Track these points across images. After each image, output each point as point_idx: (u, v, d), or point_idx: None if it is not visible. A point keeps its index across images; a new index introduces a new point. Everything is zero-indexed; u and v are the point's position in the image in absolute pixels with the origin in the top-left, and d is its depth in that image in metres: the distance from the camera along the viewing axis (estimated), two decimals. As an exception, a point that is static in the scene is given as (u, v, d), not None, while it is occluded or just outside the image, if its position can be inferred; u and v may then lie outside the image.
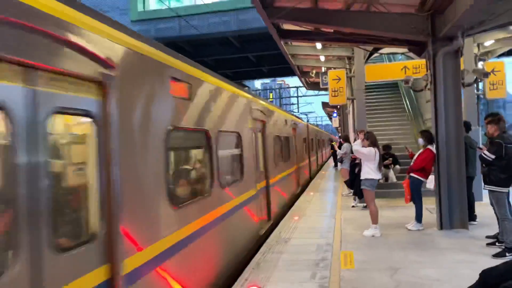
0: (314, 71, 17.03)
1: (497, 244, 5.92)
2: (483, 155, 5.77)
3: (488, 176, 5.76)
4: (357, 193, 9.77)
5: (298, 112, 49.15)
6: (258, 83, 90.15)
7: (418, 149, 8.79)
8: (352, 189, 10.83)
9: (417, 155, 7.55)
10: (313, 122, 62.33)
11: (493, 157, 5.64)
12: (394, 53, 16.36)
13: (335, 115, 31.01)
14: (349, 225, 7.90)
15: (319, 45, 12.58)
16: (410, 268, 5.21)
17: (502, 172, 5.63)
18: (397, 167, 11.11)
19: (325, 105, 31.43)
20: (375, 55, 13.30)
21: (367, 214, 7.38)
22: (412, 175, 7.38)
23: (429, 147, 7.39)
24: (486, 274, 3.40)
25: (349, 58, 14.06)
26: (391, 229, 7.39)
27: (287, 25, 9.60)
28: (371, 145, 7.12)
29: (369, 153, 7.05)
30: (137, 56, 3.37)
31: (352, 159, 10.29)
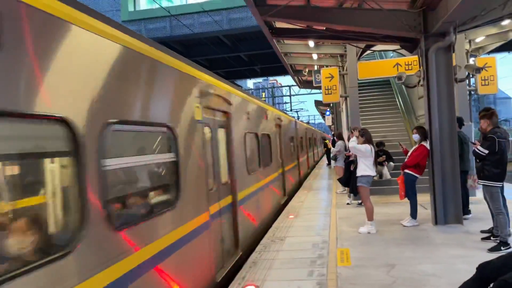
0: (307, 70, 17.03)
1: (492, 238, 5.95)
2: (477, 150, 5.80)
3: (481, 171, 5.79)
4: (353, 190, 9.78)
5: (291, 111, 49.16)
6: (250, 83, 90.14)
7: (411, 146, 8.84)
8: (346, 187, 10.84)
9: (411, 151, 7.57)
10: (305, 120, 62.40)
11: (486, 152, 5.67)
12: (386, 51, 16.44)
13: (328, 113, 31.08)
14: (345, 222, 7.91)
15: (311, 43, 12.58)
16: (406, 264, 5.21)
17: (495, 167, 5.66)
18: (391, 164, 11.17)
19: (318, 103, 31.48)
20: (368, 52, 13.35)
21: (362, 211, 7.39)
22: (406, 171, 7.39)
23: (423, 143, 7.41)
24: (482, 268, 3.40)
25: (342, 55, 14.08)
26: (387, 225, 7.41)
27: (280, 23, 9.58)
28: (366, 142, 7.13)
29: (365, 150, 7.06)
30: None
31: (346, 156, 10.30)
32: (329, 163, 21.45)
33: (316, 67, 16.07)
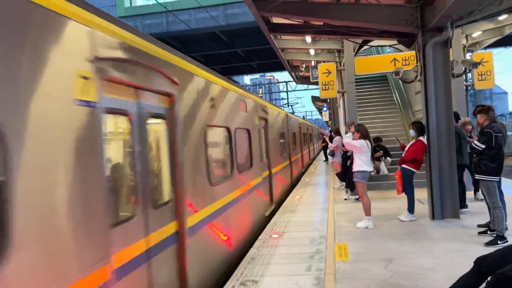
0: (304, 65, 17.01)
1: (488, 232, 5.98)
2: (474, 145, 5.82)
3: (478, 165, 5.81)
4: (349, 185, 9.81)
5: (288, 106, 49.08)
6: (247, 79, 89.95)
7: (408, 141, 8.86)
8: (344, 182, 10.87)
9: (408, 146, 7.60)
10: (302, 115, 62.27)
11: (483, 147, 5.69)
12: (383, 46, 16.44)
13: (325, 109, 31.09)
14: (342, 217, 7.93)
15: (308, 39, 12.55)
16: (404, 258, 5.24)
17: (492, 161, 5.68)
18: (388, 159, 11.19)
19: (315, 99, 31.48)
20: (365, 47, 13.33)
21: (360, 206, 7.42)
22: (403, 166, 7.42)
23: (420, 138, 7.43)
24: (480, 261, 3.42)
25: (339, 51, 14.05)
26: (384, 220, 7.44)
27: (277, 19, 9.55)
28: (362, 138, 7.14)
29: (360, 146, 7.07)
30: None
31: (344, 151, 10.31)
32: (327, 159, 21.48)
33: (313, 63, 16.04)
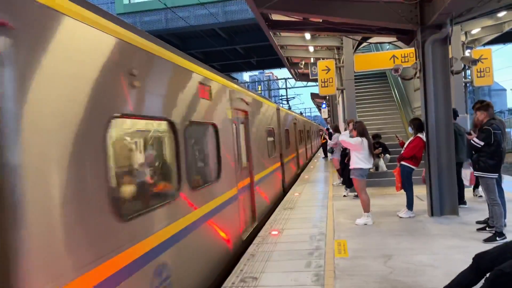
0: (303, 62, 17.01)
1: (487, 229, 6.01)
2: (472, 142, 5.83)
3: (477, 162, 5.82)
4: (346, 182, 9.84)
5: (287, 104, 49.06)
6: (246, 76, 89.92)
7: (407, 138, 8.88)
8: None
9: (407, 143, 7.61)
10: (300, 111, 62.13)
11: (482, 143, 5.70)
12: (382, 43, 16.42)
13: (324, 106, 31.10)
14: (341, 214, 7.95)
15: (308, 36, 12.55)
16: (403, 254, 5.26)
17: (490, 158, 5.69)
18: (387, 156, 11.23)
19: (314, 96, 31.50)
20: (364, 44, 13.34)
21: (359, 203, 7.44)
22: (402, 163, 7.43)
23: (419, 135, 7.45)
24: (479, 258, 3.45)
25: (338, 48, 14.06)
26: (383, 217, 7.46)
27: (276, 16, 9.54)
28: (358, 135, 7.15)
29: (355, 143, 7.08)
30: None
31: (342, 149, 10.34)
32: (326, 156, 21.51)
33: (312, 60, 16.05)
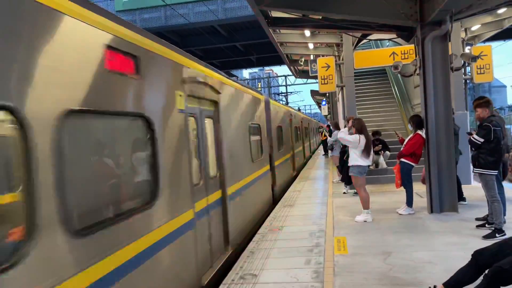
0: (303, 59, 16.98)
1: (486, 225, 6.02)
2: (472, 139, 5.83)
3: (477, 159, 5.82)
4: (345, 179, 9.85)
5: (287, 101, 49.05)
6: (246, 73, 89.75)
7: (407, 135, 8.88)
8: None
9: (407, 140, 7.61)
10: (300, 108, 62.01)
11: (482, 140, 5.70)
12: (382, 40, 16.40)
13: (324, 103, 31.06)
14: (341, 211, 7.96)
15: (307, 33, 12.51)
16: (402, 251, 5.27)
17: (490, 155, 5.69)
18: (387, 153, 11.23)
19: (314, 93, 31.45)
20: (364, 41, 13.31)
21: (359, 200, 7.43)
22: (402, 160, 7.43)
23: (419, 132, 7.45)
24: (478, 254, 3.45)
25: (338, 45, 14.03)
26: (383, 214, 7.47)
27: (276, 12, 9.52)
28: (357, 132, 7.14)
29: (354, 140, 7.07)
30: None
31: (342, 146, 10.34)
32: (326, 153, 21.51)
33: (312, 57, 16.02)
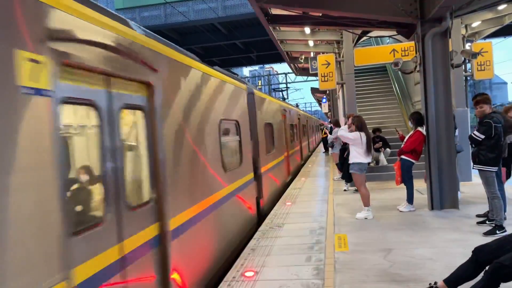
0: (303, 57, 16.94)
1: (487, 222, 6.02)
2: (473, 136, 5.82)
3: (477, 156, 5.82)
4: (345, 177, 9.85)
5: (287, 98, 48.86)
6: (246, 71, 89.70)
7: (408, 132, 8.88)
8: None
9: (407, 137, 7.61)
10: (301, 106, 61.75)
11: (482, 137, 5.70)
12: (382, 37, 16.36)
13: (324, 100, 31.04)
14: (342, 208, 7.97)
15: (307, 30, 12.50)
16: (403, 248, 5.28)
17: (490, 151, 5.69)
18: (388, 150, 11.22)
19: (314, 90, 31.43)
20: (364, 38, 13.28)
21: (359, 197, 7.44)
22: (402, 157, 7.43)
23: (419, 129, 7.44)
24: (478, 251, 3.46)
25: (338, 42, 14.01)
26: (383, 211, 7.48)
27: (276, 10, 9.50)
28: (357, 129, 7.14)
29: (354, 138, 7.08)
30: None
31: (343, 143, 10.34)
32: (326, 151, 21.51)
33: (312, 54, 16.00)
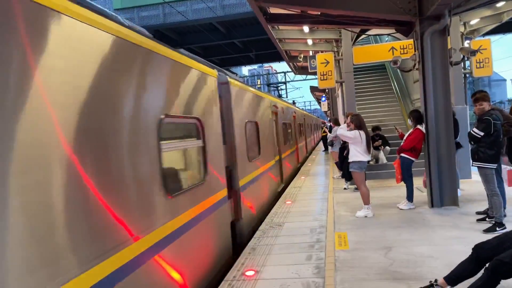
0: (302, 55, 16.95)
1: (487, 219, 6.03)
2: (472, 133, 5.83)
3: (476, 153, 5.83)
4: (345, 175, 9.86)
5: (286, 97, 48.84)
6: (245, 70, 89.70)
7: (407, 129, 8.88)
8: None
9: (407, 135, 7.62)
10: (300, 105, 61.62)
11: (482, 134, 5.70)
12: (381, 35, 16.36)
13: (323, 99, 31.04)
14: (342, 207, 7.98)
15: (306, 29, 12.50)
16: (403, 246, 5.29)
17: (490, 148, 5.70)
18: (387, 148, 11.23)
19: (313, 89, 31.43)
20: (363, 37, 13.28)
21: (359, 195, 7.45)
22: (402, 155, 7.44)
23: (419, 126, 7.45)
24: (478, 248, 3.46)
25: (337, 40, 14.01)
26: (383, 209, 7.48)
27: (274, 9, 9.50)
28: (356, 128, 7.15)
29: (353, 136, 7.08)
30: None
31: (342, 142, 10.34)
32: (326, 149, 21.52)
33: (311, 53, 15.98)
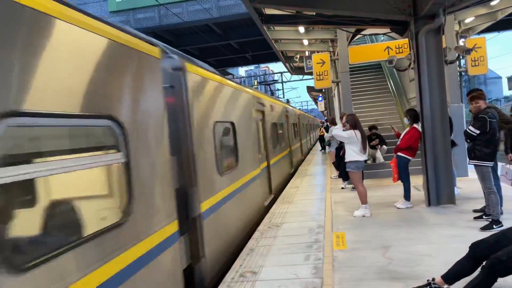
0: (298, 56, 16.97)
1: (484, 217, 6.05)
2: (468, 131, 5.85)
3: (472, 151, 5.85)
4: (342, 175, 9.87)
5: (283, 97, 48.83)
6: (242, 71, 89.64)
7: (403, 128, 8.90)
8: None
9: (403, 134, 7.64)
10: (298, 105, 61.63)
11: (477, 132, 5.72)
12: (376, 34, 16.40)
13: (320, 99, 31.06)
14: (340, 206, 7.99)
15: (302, 29, 12.52)
16: (401, 245, 5.30)
17: (486, 146, 5.72)
18: (384, 147, 11.23)
19: (310, 89, 31.42)
20: (358, 36, 13.30)
21: (357, 195, 7.47)
22: (399, 154, 7.46)
23: (415, 125, 7.47)
24: (475, 246, 3.48)
25: (333, 40, 14.04)
26: (381, 208, 7.50)
27: (269, 10, 9.51)
28: (351, 128, 7.16)
29: (349, 136, 7.09)
30: None
31: (339, 142, 10.35)
32: (323, 149, 21.55)
33: (307, 53, 16.02)
